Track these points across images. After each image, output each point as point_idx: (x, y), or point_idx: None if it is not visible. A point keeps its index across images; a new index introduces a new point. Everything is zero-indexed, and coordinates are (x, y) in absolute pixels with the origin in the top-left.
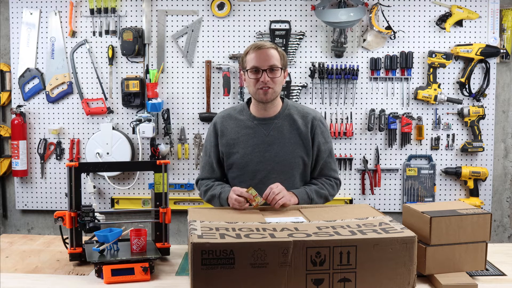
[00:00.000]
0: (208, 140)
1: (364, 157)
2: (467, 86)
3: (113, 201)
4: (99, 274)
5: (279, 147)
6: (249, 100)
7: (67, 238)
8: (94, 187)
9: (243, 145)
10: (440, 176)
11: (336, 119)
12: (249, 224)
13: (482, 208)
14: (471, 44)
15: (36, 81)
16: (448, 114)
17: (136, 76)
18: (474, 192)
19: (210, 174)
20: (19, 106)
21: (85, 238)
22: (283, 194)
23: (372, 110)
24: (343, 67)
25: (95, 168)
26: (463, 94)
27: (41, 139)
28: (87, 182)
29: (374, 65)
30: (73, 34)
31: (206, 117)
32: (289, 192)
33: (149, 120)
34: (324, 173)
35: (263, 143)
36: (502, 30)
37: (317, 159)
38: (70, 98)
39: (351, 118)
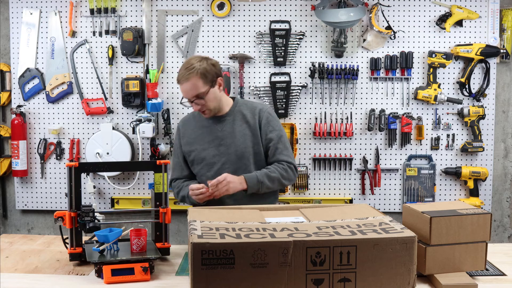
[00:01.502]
0: (175, 144)
1: (364, 157)
2: (467, 86)
3: (113, 201)
4: (99, 274)
5: (231, 139)
6: None
7: (67, 238)
8: (94, 187)
9: (200, 142)
10: (440, 176)
11: (336, 119)
12: (249, 224)
13: (482, 208)
14: (471, 44)
15: (36, 81)
16: (448, 114)
17: (136, 76)
18: (474, 192)
19: (180, 173)
20: (19, 106)
21: (85, 238)
22: (228, 187)
23: (372, 110)
24: (343, 67)
25: (95, 168)
26: (463, 94)
27: (41, 139)
28: (87, 182)
29: (374, 65)
30: (73, 34)
31: None
32: (239, 177)
33: (149, 120)
34: (276, 158)
35: (217, 138)
36: (502, 30)
37: (268, 146)
38: (70, 98)
39: (351, 118)
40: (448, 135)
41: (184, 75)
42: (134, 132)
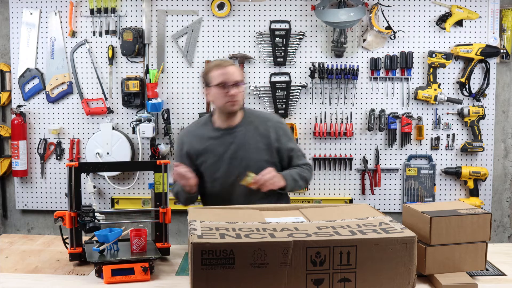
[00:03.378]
0: (176, 153)
1: (364, 157)
2: (467, 86)
3: (113, 201)
4: (99, 274)
5: (244, 152)
6: (211, 114)
7: (67, 238)
8: (94, 187)
9: (211, 155)
10: (440, 176)
11: (336, 119)
12: (249, 224)
13: (482, 208)
14: (471, 44)
15: (36, 81)
16: (448, 114)
17: (136, 76)
18: (474, 192)
19: None
20: (19, 106)
21: (85, 238)
22: (273, 182)
23: (372, 110)
24: (343, 67)
25: (95, 168)
26: (463, 94)
27: (41, 139)
28: (87, 182)
29: (374, 65)
30: (73, 34)
31: None
32: (279, 175)
33: (149, 120)
34: (296, 163)
35: (229, 150)
36: (502, 30)
37: (290, 155)
38: (70, 98)
39: (351, 118)
40: (448, 135)
41: (228, 61)
42: (134, 132)
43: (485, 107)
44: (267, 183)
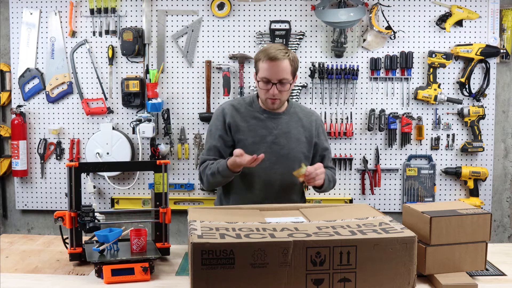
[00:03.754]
0: (214, 126)
1: (364, 157)
2: (467, 86)
3: (113, 201)
4: (99, 274)
5: (285, 141)
6: (257, 94)
7: (67, 238)
8: (94, 187)
9: (252, 134)
10: (440, 176)
11: (336, 119)
12: (249, 224)
13: (482, 208)
14: (471, 44)
15: (36, 81)
16: (448, 114)
17: (136, 76)
18: (474, 192)
19: (216, 157)
20: (19, 106)
21: (85, 238)
22: (321, 178)
23: (372, 110)
24: (343, 67)
25: (95, 168)
26: (463, 94)
27: (41, 139)
28: (87, 182)
29: (374, 65)
30: (73, 34)
31: (206, 117)
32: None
33: (149, 120)
34: (326, 164)
35: (271, 135)
36: (502, 30)
37: (323, 154)
38: (70, 98)
39: (351, 118)
40: (448, 135)
41: (280, 54)
42: (134, 132)
43: (485, 107)
44: (316, 178)
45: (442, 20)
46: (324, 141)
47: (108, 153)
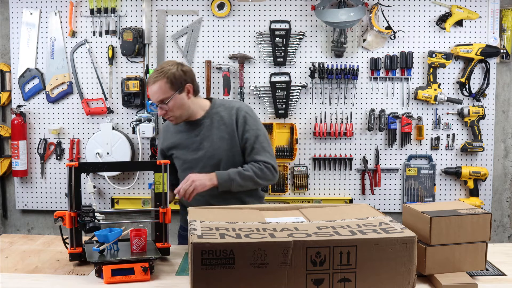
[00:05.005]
0: (158, 147)
1: (364, 157)
2: (467, 86)
3: (113, 201)
4: (99, 274)
5: (208, 143)
6: None
7: (67, 238)
8: (94, 187)
9: (180, 147)
10: (440, 176)
11: (336, 119)
12: (249, 224)
13: (482, 208)
14: (471, 44)
15: (36, 81)
16: (448, 114)
17: (136, 76)
18: (474, 192)
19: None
20: (19, 106)
21: (85, 238)
22: (197, 187)
23: (372, 110)
24: (343, 67)
25: (95, 168)
26: (463, 94)
27: (41, 139)
28: (87, 182)
29: (374, 65)
30: (73, 34)
31: None
32: (208, 174)
33: (149, 120)
34: (252, 158)
35: (195, 143)
36: (502, 30)
37: (245, 146)
38: (70, 98)
39: (351, 118)
40: (448, 135)
41: (152, 78)
42: (134, 132)
43: (485, 107)
44: (189, 191)
45: (442, 20)
46: (246, 131)
47: (108, 153)
